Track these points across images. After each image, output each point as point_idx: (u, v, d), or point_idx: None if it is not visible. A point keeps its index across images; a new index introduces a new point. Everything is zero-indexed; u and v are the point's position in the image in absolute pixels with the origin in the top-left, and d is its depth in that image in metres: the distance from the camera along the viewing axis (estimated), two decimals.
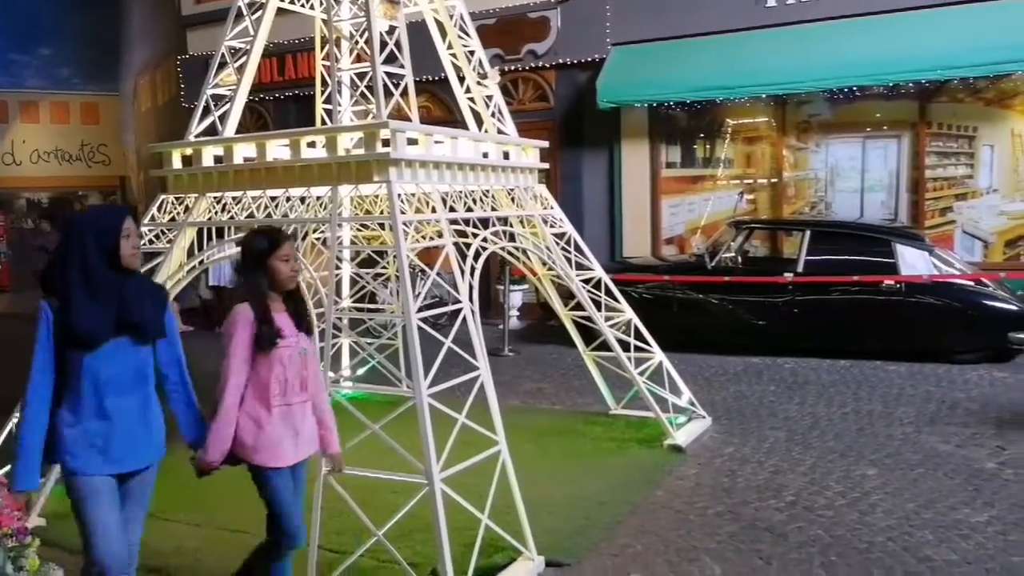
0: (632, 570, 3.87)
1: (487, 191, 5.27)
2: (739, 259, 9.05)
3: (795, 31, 9.58)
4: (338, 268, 6.75)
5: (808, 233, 8.46)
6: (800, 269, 8.24)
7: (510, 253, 5.89)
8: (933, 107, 9.45)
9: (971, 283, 7.88)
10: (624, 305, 6.21)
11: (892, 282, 7.85)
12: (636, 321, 6.15)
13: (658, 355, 6.15)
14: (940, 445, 5.47)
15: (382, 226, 6.07)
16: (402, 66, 4.92)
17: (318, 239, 6.06)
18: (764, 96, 9.78)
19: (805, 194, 10.13)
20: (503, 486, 3.94)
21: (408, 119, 4.97)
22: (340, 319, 5.50)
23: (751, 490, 4.81)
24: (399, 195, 4.28)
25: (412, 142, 4.57)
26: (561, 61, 10.93)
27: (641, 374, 5.95)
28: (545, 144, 5.88)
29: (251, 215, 4.93)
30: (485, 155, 5.17)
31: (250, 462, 3.06)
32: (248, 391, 3.03)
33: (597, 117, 10.49)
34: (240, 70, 5.34)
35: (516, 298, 10.64)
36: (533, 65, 11.12)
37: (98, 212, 4.36)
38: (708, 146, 10.67)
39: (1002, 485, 4.75)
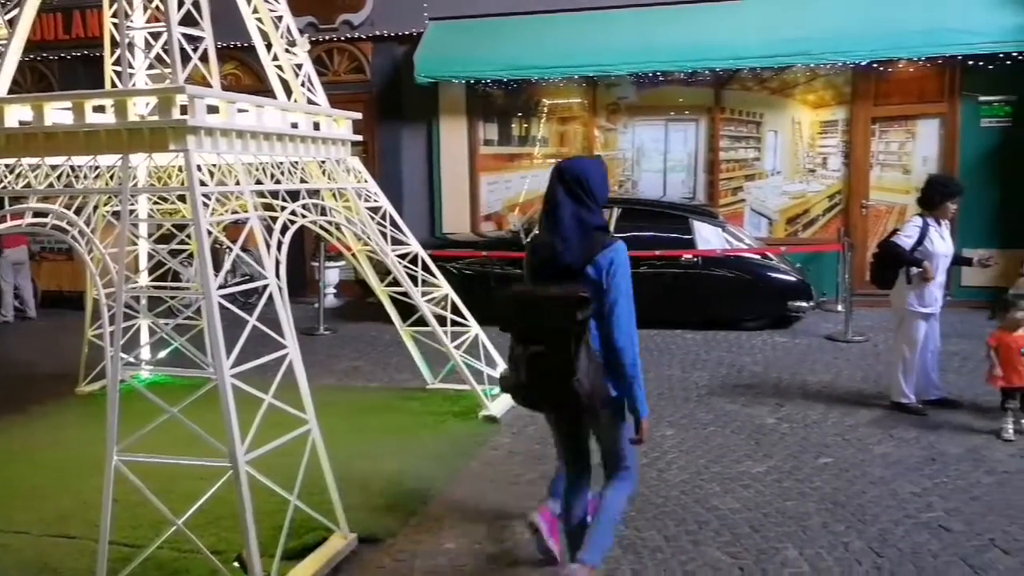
0: (446, 540, 3.93)
1: (296, 163, 5.10)
2: None
3: (605, 15, 9.96)
4: (134, 244, 6.32)
5: (616, 210, 8.88)
6: None
7: (323, 228, 5.75)
8: (726, 94, 10.18)
9: (758, 256, 8.61)
10: (441, 280, 6.25)
11: (690, 256, 8.42)
12: (453, 296, 6.21)
13: (475, 329, 6.25)
14: (728, 405, 5.97)
15: (182, 199, 5.74)
16: (203, 28, 4.62)
17: (112, 212, 5.63)
18: (576, 77, 10.11)
19: (614, 173, 10.60)
20: (315, 466, 3.87)
21: (210, 86, 4.69)
22: (137, 299, 5.15)
23: None
24: (199, 165, 4.04)
25: (213, 110, 4.32)
26: (378, 33, 10.74)
27: (458, 348, 6.03)
28: (358, 116, 5.76)
29: (28, 186, 4.48)
30: (294, 125, 4.98)
31: None
32: None
33: (415, 92, 10.42)
34: (11, 23, 4.80)
35: (333, 275, 10.41)
36: (349, 36, 10.84)
37: None
38: (524, 124, 10.90)
39: (780, 438, 5.26)
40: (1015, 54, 8.72)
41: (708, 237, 8.53)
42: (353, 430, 5.57)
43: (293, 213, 4.69)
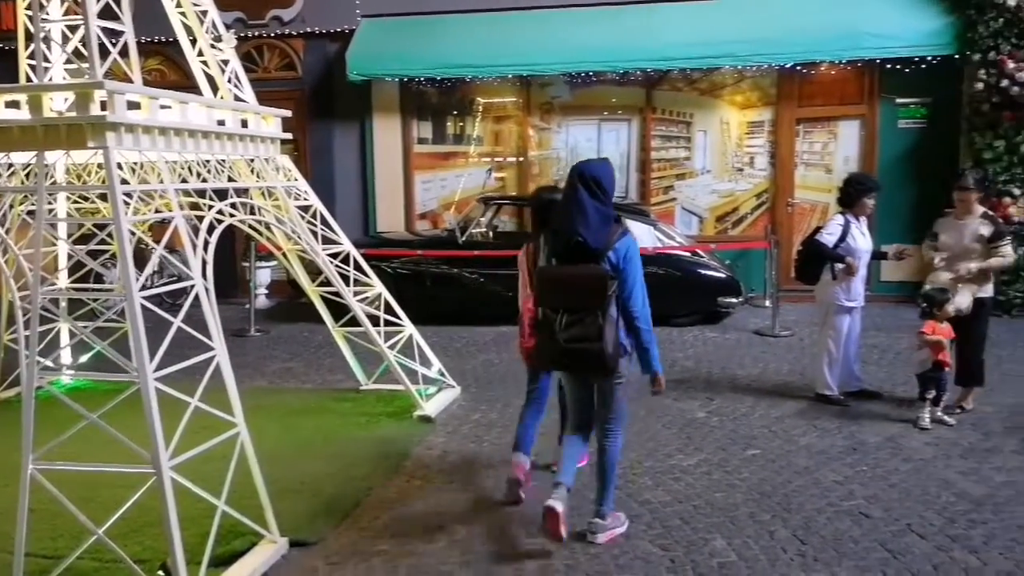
0: (379, 542, 3.91)
1: (223, 161, 4.98)
2: (489, 234, 9.37)
3: (538, 15, 10.02)
4: (53, 245, 6.09)
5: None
6: None
7: (252, 227, 5.64)
8: (657, 94, 10.35)
9: (689, 254, 8.78)
10: (374, 279, 6.20)
11: None
12: (386, 295, 6.16)
13: (408, 328, 6.22)
14: (660, 400, 6.06)
15: (104, 197, 5.55)
16: (123, 22, 4.48)
17: (28, 212, 5.43)
18: (510, 76, 10.15)
19: (549, 172, 10.68)
20: (244, 470, 3.80)
21: (131, 82, 4.55)
22: (56, 302, 4.97)
23: (496, 453, 5.03)
24: (119, 163, 3.92)
25: (134, 106, 4.20)
26: (309, 30, 10.58)
27: (391, 348, 5.99)
28: (287, 113, 5.66)
29: None
30: (220, 123, 4.88)
31: None
32: None
33: (348, 90, 10.31)
34: None
35: (264, 276, 10.23)
36: (279, 32, 10.65)
37: None
38: (459, 123, 10.88)
39: (709, 431, 5.38)
40: (930, 58, 9.09)
41: (640, 235, 8.60)
42: (285, 432, 5.48)
43: (220, 212, 4.59)
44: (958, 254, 5.49)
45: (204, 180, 4.68)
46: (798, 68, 9.63)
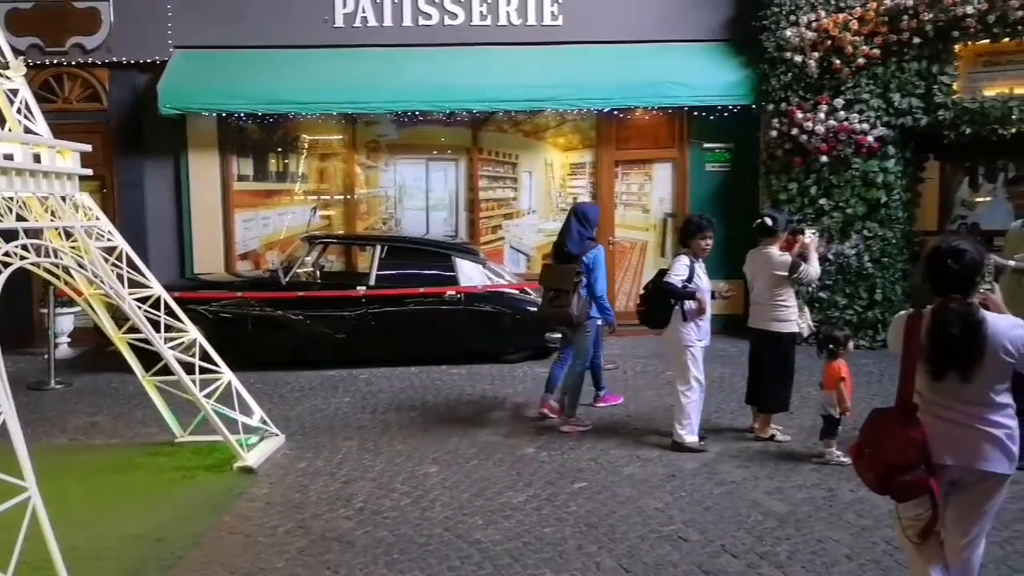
0: None
1: (12, 198, 4.54)
2: (316, 274, 9.13)
3: (363, 54, 9.98)
4: None
5: (378, 248, 8.85)
6: (372, 283, 8.57)
7: (48, 271, 5.17)
8: (484, 135, 10.57)
9: (517, 291, 8.95)
10: (188, 324, 5.83)
11: (453, 292, 8.57)
12: (202, 340, 5.82)
13: (227, 375, 5.89)
14: (491, 437, 6.10)
15: None
16: None
17: None
18: (335, 114, 10.02)
19: (377, 211, 10.59)
20: (37, 537, 3.42)
21: None
22: None
23: (322, 502, 4.84)
24: None
25: None
26: (116, 59, 9.95)
27: (208, 396, 5.64)
28: (87, 148, 5.25)
29: None
30: (8, 157, 4.45)
31: None
32: None
33: (160, 123, 9.77)
34: None
35: (66, 323, 9.37)
36: (81, 60, 9.95)
37: None
38: (283, 160, 10.59)
39: (539, 466, 5.45)
40: (731, 107, 9.88)
41: (470, 274, 8.73)
42: (87, 493, 5.02)
43: (7, 255, 4.18)
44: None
45: None
46: (615, 113, 10.17)
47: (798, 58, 9.25)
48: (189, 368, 5.60)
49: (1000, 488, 2.95)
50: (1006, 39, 8.24)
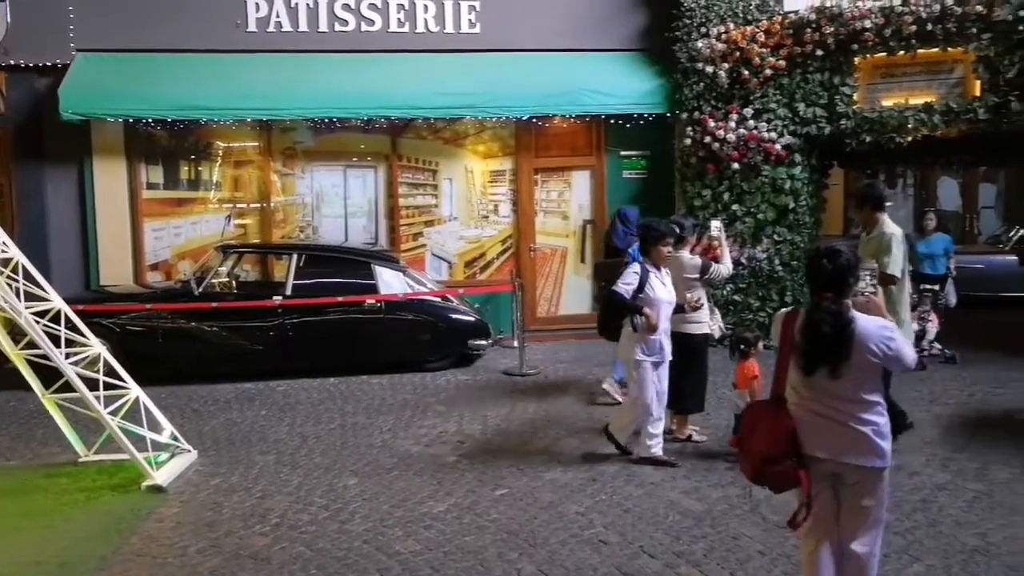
0: None
1: None
2: (232, 283, 8.88)
3: (278, 59, 9.78)
4: None
5: (295, 257, 8.67)
6: (289, 292, 8.38)
7: None
8: (403, 142, 10.48)
9: (439, 299, 8.90)
10: (92, 339, 5.59)
11: (373, 301, 8.45)
12: (107, 355, 5.59)
13: (134, 390, 5.66)
14: (412, 447, 6.03)
15: None
16: None
17: None
18: (250, 120, 9.79)
19: (293, 219, 10.37)
20: None
21: None
22: None
23: (237, 519, 4.70)
24: None
25: None
26: (13, 62, 9.48)
27: (115, 413, 5.41)
28: None
29: None
30: None
31: None
32: None
33: (62, 129, 9.33)
34: None
35: None
36: None
37: None
38: (195, 167, 10.26)
39: (460, 475, 5.42)
40: (646, 115, 10.07)
41: (390, 282, 8.63)
42: None
43: None
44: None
45: None
46: (534, 120, 10.23)
47: (709, 69, 9.49)
48: (93, 384, 5.37)
49: (878, 483, 3.09)
50: (901, 52, 8.63)
